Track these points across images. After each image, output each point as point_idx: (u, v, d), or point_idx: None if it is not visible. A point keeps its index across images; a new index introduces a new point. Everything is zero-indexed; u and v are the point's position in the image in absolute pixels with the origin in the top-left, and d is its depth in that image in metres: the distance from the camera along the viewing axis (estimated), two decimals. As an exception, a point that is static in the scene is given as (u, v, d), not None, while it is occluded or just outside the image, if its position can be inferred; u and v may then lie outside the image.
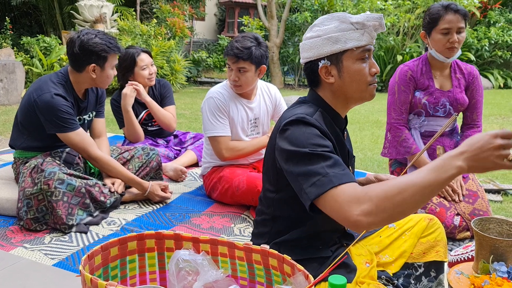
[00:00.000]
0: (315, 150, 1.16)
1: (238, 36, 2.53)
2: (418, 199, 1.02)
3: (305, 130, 1.22)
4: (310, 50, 1.33)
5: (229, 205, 2.65)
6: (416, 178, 1.03)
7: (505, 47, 10.25)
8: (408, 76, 2.46)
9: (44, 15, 11.35)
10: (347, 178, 1.11)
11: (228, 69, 2.55)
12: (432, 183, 1.02)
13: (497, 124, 6.02)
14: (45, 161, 2.34)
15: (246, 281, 1.23)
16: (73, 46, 2.34)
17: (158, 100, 3.42)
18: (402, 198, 1.02)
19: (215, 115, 2.54)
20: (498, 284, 1.33)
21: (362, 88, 1.32)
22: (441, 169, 1.02)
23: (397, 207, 1.03)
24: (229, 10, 15.17)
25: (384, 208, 1.03)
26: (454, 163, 1.02)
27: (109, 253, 1.15)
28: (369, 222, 1.04)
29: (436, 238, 1.57)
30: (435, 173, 1.02)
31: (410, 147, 2.45)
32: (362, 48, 1.29)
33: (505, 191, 3.05)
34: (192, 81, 9.98)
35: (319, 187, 1.11)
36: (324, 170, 1.12)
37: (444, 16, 2.30)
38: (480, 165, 1.02)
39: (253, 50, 2.44)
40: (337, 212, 1.08)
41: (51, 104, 2.28)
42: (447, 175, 1.02)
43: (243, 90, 2.57)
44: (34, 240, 2.14)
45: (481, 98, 2.54)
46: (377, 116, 6.25)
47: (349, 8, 9.40)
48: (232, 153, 2.56)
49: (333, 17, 1.31)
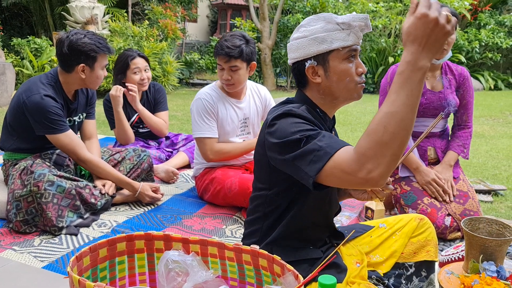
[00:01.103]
0: (304, 134, 1.17)
1: (226, 36, 2.54)
2: (405, 123, 1.00)
3: (292, 120, 1.23)
4: (297, 51, 1.33)
5: (220, 206, 2.64)
6: (390, 106, 1.00)
7: (495, 49, 10.34)
8: None
9: (35, 17, 11.28)
10: (339, 144, 1.12)
11: (219, 69, 2.55)
12: (407, 100, 0.99)
13: (487, 125, 6.07)
14: (35, 162, 2.32)
15: (236, 281, 1.22)
16: (62, 46, 2.32)
17: (151, 104, 3.44)
18: (390, 133, 1.00)
19: (202, 117, 2.54)
20: (488, 283, 1.34)
21: (349, 87, 1.33)
22: (408, 81, 0.99)
23: (391, 144, 1.00)
24: (221, 12, 15.17)
25: (382, 153, 1.01)
26: (416, 66, 0.98)
27: (98, 254, 1.14)
28: (379, 174, 1.02)
29: (426, 238, 1.57)
30: (405, 90, 0.99)
31: None
32: (348, 48, 1.29)
33: (495, 192, 3.07)
34: (184, 83, 9.96)
35: (317, 162, 1.11)
36: (317, 145, 1.13)
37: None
38: (435, 48, 0.98)
39: (243, 47, 2.47)
40: (344, 180, 1.08)
41: (40, 106, 2.26)
42: (417, 79, 0.98)
43: (236, 89, 2.58)
44: (23, 243, 2.11)
45: (471, 99, 2.56)
46: (369, 118, 6.27)
47: (341, 10, 9.45)
48: (218, 155, 2.55)
49: (319, 17, 1.31)
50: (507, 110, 7.11)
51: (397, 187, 2.47)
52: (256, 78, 10.33)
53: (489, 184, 3.18)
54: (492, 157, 4.28)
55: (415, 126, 2.53)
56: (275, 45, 10.03)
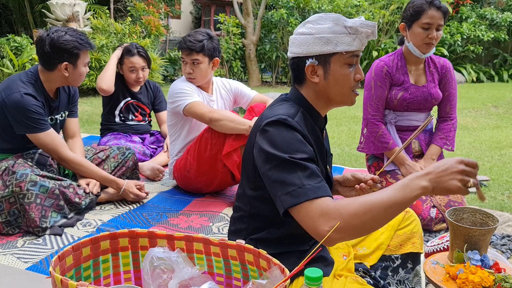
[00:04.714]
0: (293, 157, 1.17)
1: (190, 32, 2.69)
2: (384, 216, 1.10)
3: (286, 133, 1.21)
4: (299, 46, 1.31)
5: (207, 203, 2.63)
6: (383, 197, 1.09)
7: (477, 42, 10.47)
8: (384, 72, 2.47)
9: (14, 14, 11.07)
10: (322, 192, 1.14)
11: (183, 63, 2.69)
12: (398, 202, 1.08)
13: (470, 117, 6.15)
14: (17, 163, 2.27)
15: (223, 277, 1.22)
16: (43, 45, 2.28)
17: (151, 99, 3.51)
18: (370, 216, 1.08)
19: (185, 88, 2.61)
20: (472, 272, 1.35)
21: (344, 92, 1.32)
22: (407, 188, 1.09)
23: (365, 225, 1.09)
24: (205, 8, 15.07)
25: (353, 225, 1.09)
26: (419, 183, 1.09)
27: (81, 253, 1.12)
28: (338, 238, 1.11)
29: (412, 230, 1.59)
30: (401, 193, 1.09)
31: (387, 142, 2.47)
32: (352, 53, 1.28)
33: (480, 183, 3.11)
34: (169, 80, 9.88)
35: (294, 198, 1.14)
36: (300, 181, 1.15)
37: (427, 11, 2.32)
38: (443, 186, 1.08)
39: (205, 43, 2.61)
40: (308, 225, 1.13)
41: (20, 104, 2.22)
42: (412, 195, 1.08)
43: (198, 83, 2.70)
44: (6, 244, 2.08)
45: (453, 90, 2.58)
46: (354, 112, 6.31)
47: (325, 4, 9.45)
48: (216, 114, 2.48)
49: (328, 17, 1.29)
50: (489, 102, 7.22)
51: (382, 180, 2.48)
52: (241, 74, 10.30)
53: (473, 175, 3.22)
54: (475, 149, 4.34)
55: (399, 121, 2.55)
56: (259, 41, 10.00)
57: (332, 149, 4.06)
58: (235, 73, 10.01)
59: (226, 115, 2.45)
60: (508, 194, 2.94)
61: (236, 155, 2.44)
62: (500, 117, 6.26)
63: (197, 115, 2.52)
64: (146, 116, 3.53)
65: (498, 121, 6.00)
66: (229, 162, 2.46)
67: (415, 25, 2.37)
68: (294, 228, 1.34)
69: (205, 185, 2.70)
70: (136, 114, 3.44)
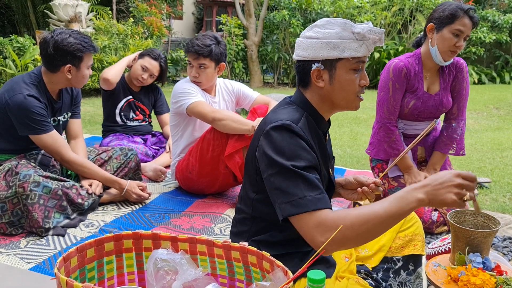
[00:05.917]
0: (296, 167, 1.18)
1: (198, 35, 2.69)
2: (380, 228, 1.13)
3: (289, 140, 1.22)
4: (306, 50, 1.31)
5: (209, 204, 2.64)
6: (379, 209, 1.12)
7: (479, 44, 10.47)
8: (403, 74, 2.35)
9: (17, 15, 11.10)
10: (322, 204, 1.16)
11: (188, 65, 2.69)
12: (394, 214, 1.11)
13: (472, 119, 6.15)
14: (20, 163, 2.28)
15: (226, 279, 1.22)
16: (47, 46, 2.29)
17: (151, 101, 3.52)
18: (366, 228, 1.12)
19: (189, 87, 2.62)
20: (474, 274, 1.36)
21: (349, 97, 1.33)
22: (403, 200, 1.12)
23: (361, 236, 1.13)
24: (207, 9, 15.09)
25: (349, 237, 1.12)
26: (415, 195, 1.11)
27: (86, 255, 1.13)
28: (334, 249, 1.16)
29: (414, 232, 1.59)
30: (397, 204, 1.12)
31: (398, 149, 2.40)
32: (358, 59, 1.29)
33: (481, 184, 3.12)
34: (171, 81, 9.90)
35: (293, 207, 1.16)
36: (301, 192, 1.17)
37: (462, 18, 2.24)
38: (439, 199, 1.11)
39: (213, 47, 2.61)
40: (306, 234, 1.16)
41: (23, 106, 2.23)
42: (408, 207, 1.11)
43: (203, 86, 2.71)
44: (9, 245, 2.09)
45: (463, 91, 2.47)
46: (356, 113, 6.31)
47: (326, 6, 9.47)
48: (218, 113, 2.48)
49: (336, 22, 1.29)
50: (490, 103, 7.22)
51: (385, 182, 2.48)
52: (243, 75, 10.31)
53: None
54: (477, 150, 4.34)
55: (407, 130, 2.48)
56: (261, 42, 10.02)
57: (334, 151, 4.07)
58: (237, 74, 10.03)
59: (229, 115, 2.46)
60: (509, 196, 2.94)
61: (238, 156, 2.45)
62: (502, 119, 6.26)
63: (200, 114, 2.53)
64: (146, 116, 3.54)
65: (499, 123, 6.00)
66: (231, 163, 2.47)
67: (446, 29, 2.26)
68: (295, 231, 1.34)
69: (207, 186, 2.71)
70: (137, 113, 3.45)
